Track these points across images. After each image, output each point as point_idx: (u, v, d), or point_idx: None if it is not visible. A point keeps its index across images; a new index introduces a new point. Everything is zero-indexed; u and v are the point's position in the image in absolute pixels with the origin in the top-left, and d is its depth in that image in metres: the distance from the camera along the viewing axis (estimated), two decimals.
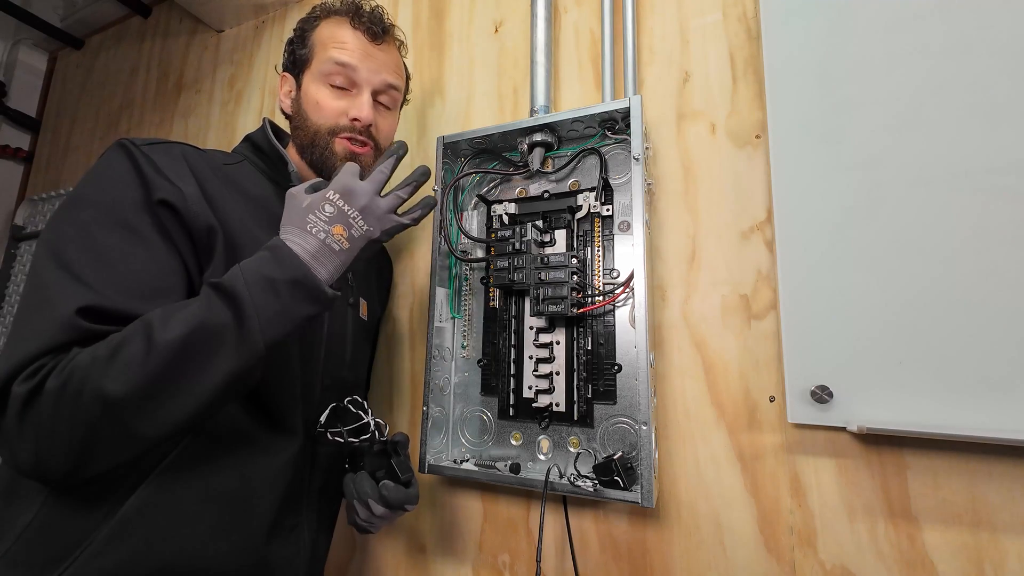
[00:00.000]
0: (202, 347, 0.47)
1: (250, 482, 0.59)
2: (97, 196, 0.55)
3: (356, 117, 0.71)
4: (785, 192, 0.69)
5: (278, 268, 0.51)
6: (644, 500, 0.66)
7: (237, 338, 0.48)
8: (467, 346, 0.88)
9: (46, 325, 0.47)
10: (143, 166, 0.56)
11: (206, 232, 0.57)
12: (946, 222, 0.60)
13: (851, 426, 0.60)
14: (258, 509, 0.59)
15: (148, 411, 0.45)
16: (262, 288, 0.49)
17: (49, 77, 1.99)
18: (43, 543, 0.51)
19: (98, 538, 0.50)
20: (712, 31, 0.83)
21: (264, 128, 0.74)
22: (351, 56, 0.72)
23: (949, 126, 0.62)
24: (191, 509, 0.55)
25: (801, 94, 0.70)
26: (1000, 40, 0.61)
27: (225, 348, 0.47)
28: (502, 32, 1.02)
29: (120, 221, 0.54)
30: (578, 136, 0.85)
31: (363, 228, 0.58)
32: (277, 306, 0.50)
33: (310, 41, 0.74)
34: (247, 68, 1.41)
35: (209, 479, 0.56)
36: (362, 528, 0.69)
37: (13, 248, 1.66)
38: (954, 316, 0.59)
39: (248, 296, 0.48)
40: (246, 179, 0.68)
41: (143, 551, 0.52)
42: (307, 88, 0.73)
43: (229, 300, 0.48)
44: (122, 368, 0.44)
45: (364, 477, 0.66)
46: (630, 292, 0.75)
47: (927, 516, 0.60)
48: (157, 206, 0.55)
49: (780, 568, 0.65)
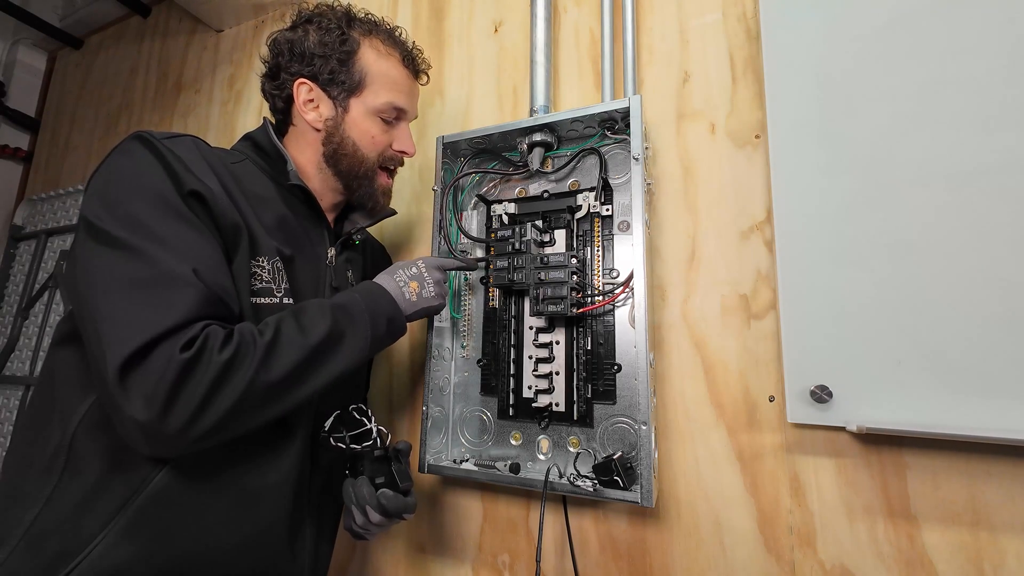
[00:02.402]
0: (329, 352, 0.59)
1: (262, 477, 0.60)
2: (135, 188, 0.56)
3: (404, 150, 0.79)
4: (784, 192, 0.69)
5: (381, 303, 0.67)
6: (644, 500, 0.66)
7: (351, 349, 0.61)
8: (467, 346, 0.88)
9: (178, 298, 0.51)
10: (169, 159, 0.57)
11: (232, 229, 0.59)
12: (946, 222, 0.60)
13: (850, 426, 0.60)
14: (269, 504, 0.61)
15: (287, 393, 0.56)
16: (371, 315, 0.64)
17: (48, 77, 1.99)
18: (54, 538, 0.51)
19: (113, 530, 0.51)
20: (712, 31, 0.83)
21: (266, 128, 0.75)
22: (405, 97, 0.78)
23: (948, 126, 0.62)
24: (205, 501, 0.56)
25: (800, 94, 0.70)
26: (999, 40, 0.61)
27: (342, 355, 0.60)
28: (502, 32, 1.02)
29: (169, 209, 0.55)
30: (578, 136, 0.85)
31: (431, 293, 0.73)
32: (380, 330, 0.65)
33: (357, 66, 0.73)
34: (246, 68, 1.41)
35: (222, 472, 0.57)
36: (357, 534, 0.69)
37: (12, 248, 1.66)
38: (953, 316, 0.59)
39: (366, 319, 0.63)
40: (252, 179, 0.69)
41: (159, 542, 0.53)
42: (358, 118, 0.74)
43: (348, 317, 0.61)
44: (278, 358, 0.54)
45: (364, 483, 0.66)
46: (630, 292, 0.75)
47: (926, 516, 0.60)
48: (188, 197, 0.57)
49: (780, 568, 0.65)
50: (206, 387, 0.49)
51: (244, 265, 0.60)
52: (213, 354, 0.50)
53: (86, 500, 0.52)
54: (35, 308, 1.53)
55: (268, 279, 0.62)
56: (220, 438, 0.52)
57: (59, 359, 0.59)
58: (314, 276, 0.71)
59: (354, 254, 0.83)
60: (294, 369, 0.55)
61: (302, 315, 0.59)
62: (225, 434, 0.52)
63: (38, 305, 1.53)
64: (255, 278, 0.61)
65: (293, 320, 0.58)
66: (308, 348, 0.56)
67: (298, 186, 0.71)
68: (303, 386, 0.57)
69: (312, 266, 0.71)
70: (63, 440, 0.54)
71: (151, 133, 0.59)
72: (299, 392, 0.57)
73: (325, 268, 0.73)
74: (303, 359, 0.56)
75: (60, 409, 0.56)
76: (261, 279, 0.61)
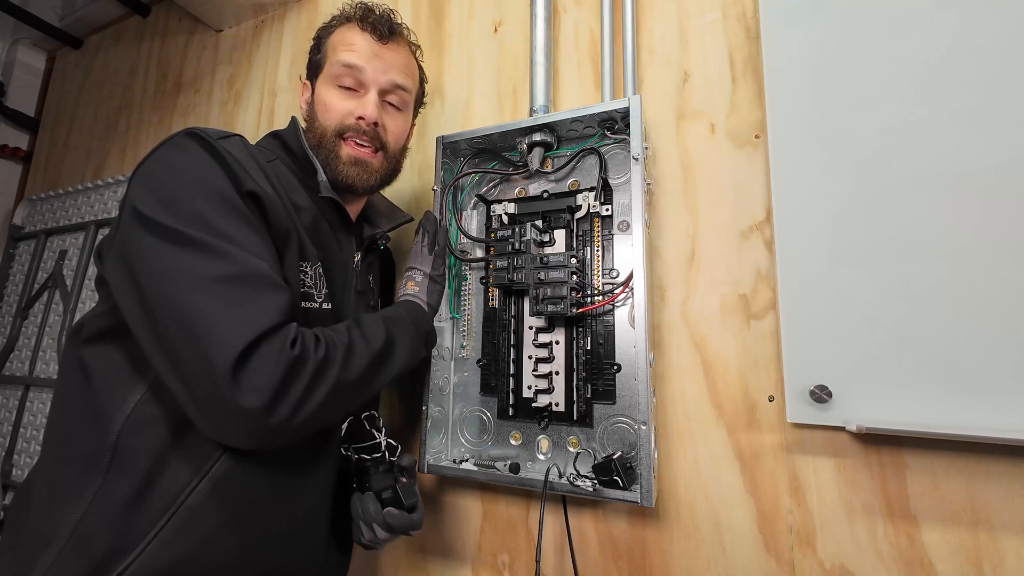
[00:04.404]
0: (387, 357, 0.65)
1: (306, 476, 0.63)
2: (196, 186, 0.55)
3: (361, 116, 0.72)
4: (784, 192, 0.69)
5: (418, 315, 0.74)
6: (643, 500, 0.66)
7: (401, 355, 0.67)
8: (466, 346, 0.88)
9: (270, 297, 0.54)
10: (227, 159, 0.57)
11: (284, 233, 0.60)
12: (945, 222, 0.60)
13: (850, 426, 0.60)
14: (313, 501, 0.64)
15: (358, 392, 0.61)
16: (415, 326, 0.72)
17: (48, 76, 1.99)
18: (106, 536, 0.51)
19: (167, 527, 0.52)
20: (711, 31, 0.83)
21: (296, 130, 0.74)
22: (358, 57, 0.72)
23: (948, 126, 0.62)
24: (256, 498, 0.57)
25: (800, 94, 0.70)
26: (999, 40, 0.61)
27: (396, 360, 0.66)
28: (501, 32, 1.02)
29: (232, 208, 0.55)
30: (577, 136, 0.85)
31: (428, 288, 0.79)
32: (420, 340, 0.72)
33: (324, 47, 0.76)
34: (246, 68, 1.41)
35: (271, 469, 0.59)
36: (367, 547, 0.70)
37: (12, 248, 1.66)
38: (953, 316, 0.59)
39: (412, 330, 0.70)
40: (287, 182, 0.68)
41: (209, 540, 0.54)
42: (319, 91, 0.74)
43: (397, 328, 0.68)
44: (355, 360, 0.60)
45: (370, 499, 0.68)
46: (629, 292, 0.75)
47: (926, 515, 0.60)
48: (246, 197, 0.57)
49: (779, 567, 0.65)
50: (306, 381, 0.53)
51: (293, 269, 0.61)
52: (311, 353, 0.54)
53: (135, 499, 0.52)
54: (34, 308, 1.53)
55: (311, 284, 0.63)
56: (310, 429, 0.55)
57: (93, 356, 0.58)
58: (343, 280, 0.72)
59: (373, 257, 0.84)
60: (365, 371, 0.60)
61: (362, 325, 0.64)
62: (315, 425, 0.55)
63: (37, 305, 1.52)
64: (301, 284, 0.62)
65: (358, 329, 0.63)
66: (373, 353, 0.62)
67: (330, 198, 0.71)
68: (369, 386, 0.62)
69: (341, 271, 0.72)
70: (107, 439, 0.53)
71: (205, 131, 0.58)
72: (366, 392, 0.62)
73: (352, 272, 0.74)
74: (370, 363, 0.61)
75: (99, 407, 0.55)
76: (305, 284, 0.62)
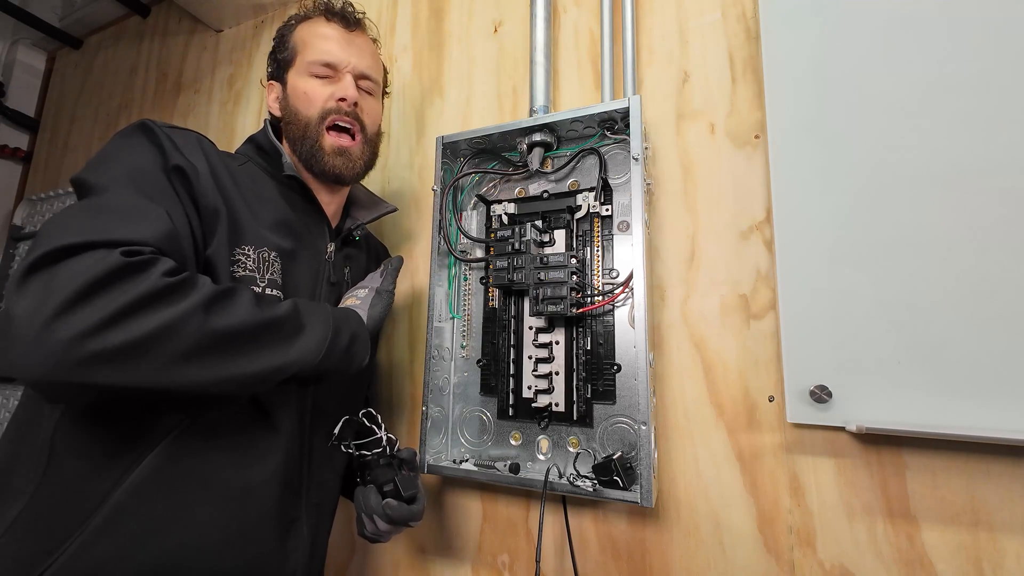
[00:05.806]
0: (280, 338, 0.55)
1: (246, 473, 0.59)
2: (122, 156, 0.57)
3: (343, 97, 0.74)
4: (784, 192, 0.69)
5: (350, 318, 0.66)
6: (643, 500, 0.66)
7: (304, 347, 0.57)
8: (466, 346, 0.88)
9: (141, 224, 0.49)
10: (162, 139, 0.59)
11: (212, 212, 0.59)
12: (945, 222, 0.60)
13: (850, 426, 0.60)
14: (255, 501, 0.59)
15: (218, 358, 0.49)
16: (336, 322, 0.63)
17: (48, 77, 1.98)
18: (33, 536, 0.50)
19: (89, 528, 0.50)
20: (711, 31, 0.83)
21: (264, 127, 0.76)
22: (333, 44, 0.76)
23: (948, 126, 0.62)
24: (187, 498, 0.54)
25: (800, 94, 0.70)
26: (999, 40, 0.61)
27: (292, 348, 0.56)
28: (501, 32, 1.02)
29: (150, 180, 0.56)
30: (577, 136, 0.85)
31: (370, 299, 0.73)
32: (342, 342, 0.63)
33: (290, 44, 0.78)
34: (246, 68, 1.41)
35: (204, 467, 0.56)
36: (371, 539, 0.71)
37: (12, 248, 1.66)
38: (953, 316, 0.59)
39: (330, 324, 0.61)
40: (254, 179, 0.70)
41: (137, 542, 0.51)
42: (294, 84, 0.76)
43: (313, 317, 0.60)
44: (225, 311, 0.50)
45: (371, 491, 0.68)
46: (629, 292, 0.75)
47: (926, 515, 0.60)
48: (172, 171, 0.57)
49: (779, 568, 0.65)
50: (131, 298, 0.43)
51: (223, 249, 0.59)
52: (154, 271, 0.45)
53: (64, 497, 0.51)
54: None
55: (252, 267, 0.62)
56: (110, 376, 0.42)
57: None
58: (313, 270, 0.72)
59: (355, 251, 0.83)
60: (237, 333, 0.50)
61: (267, 297, 0.59)
62: (120, 372, 0.43)
63: None
64: (237, 264, 0.60)
65: (255, 295, 0.55)
66: (260, 320, 0.52)
67: (294, 178, 0.72)
68: (244, 354, 0.51)
69: (311, 259, 0.71)
70: (46, 435, 0.53)
71: (153, 121, 0.60)
72: (242, 361, 0.50)
73: (323, 263, 0.74)
74: (250, 329, 0.51)
75: (46, 404, 0.55)
76: (245, 267, 0.61)
